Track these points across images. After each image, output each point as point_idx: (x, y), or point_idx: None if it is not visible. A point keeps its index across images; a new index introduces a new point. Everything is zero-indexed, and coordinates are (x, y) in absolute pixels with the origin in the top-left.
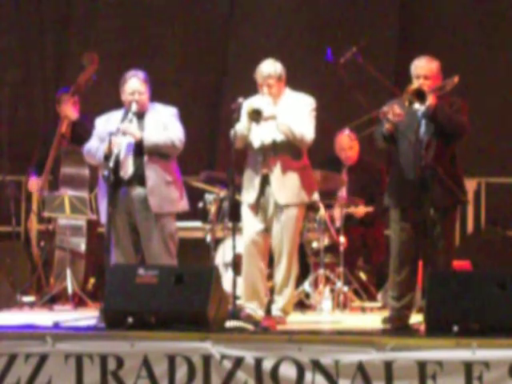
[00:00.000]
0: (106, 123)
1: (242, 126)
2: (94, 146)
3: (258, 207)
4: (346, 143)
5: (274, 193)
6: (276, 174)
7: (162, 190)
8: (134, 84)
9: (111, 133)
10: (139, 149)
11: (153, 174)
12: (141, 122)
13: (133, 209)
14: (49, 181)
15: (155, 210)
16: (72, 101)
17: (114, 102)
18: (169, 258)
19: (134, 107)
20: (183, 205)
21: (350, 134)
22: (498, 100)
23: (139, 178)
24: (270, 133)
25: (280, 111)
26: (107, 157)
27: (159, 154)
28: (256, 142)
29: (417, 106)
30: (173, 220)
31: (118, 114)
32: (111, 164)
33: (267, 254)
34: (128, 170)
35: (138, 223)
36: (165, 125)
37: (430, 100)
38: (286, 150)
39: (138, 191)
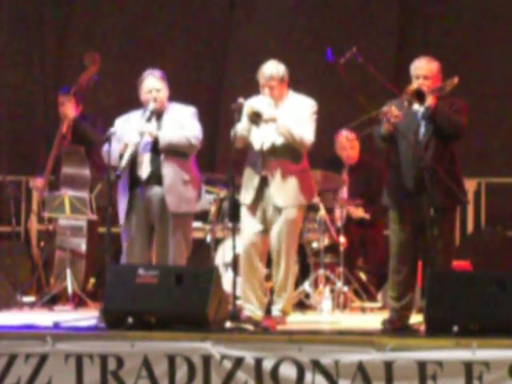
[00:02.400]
0: (125, 123)
1: (241, 127)
2: (112, 147)
3: (256, 208)
4: (347, 142)
5: (272, 195)
6: (275, 176)
7: (179, 189)
8: (151, 82)
9: (112, 133)
10: (156, 147)
11: (170, 172)
12: (159, 121)
13: (151, 208)
14: (50, 181)
15: (172, 209)
16: (73, 100)
17: (115, 101)
18: (179, 259)
19: (152, 105)
20: (201, 204)
21: (350, 133)
22: (497, 100)
23: (157, 178)
24: (270, 135)
25: (281, 113)
26: (121, 156)
27: (176, 152)
28: (256, 144)
29: (416, 106)
30: (190, 220)
31: (136, 114)
32: (124, 163)
33: (266, 254)
34: (145, 169)
35: (156, 222)
36: (182, 124)
37: (430, 100)
38: (286, 153)
39: (155, 190)
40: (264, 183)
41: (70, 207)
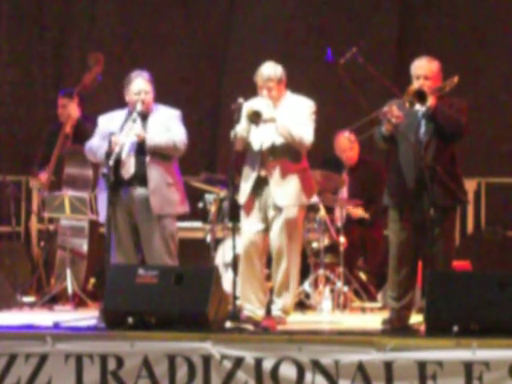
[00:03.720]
0: (109, 122)
1: (241, 128)
2: (95, 144)
3: (254, 207)
4: (346, 144)
5: (272, 195)
6: (275, 176)
7: (164, 191)
8: (140, 84)
9: (111, 133)
10: (141, 149)
11: (155, 174)
12: (144, 123)
13: (134, 209)
14: (51, 181)
15: (156, 211)
16: (76, 100)
17: (115, 102)
18: (169, 259)
19: (139, 107)
20: (184, 207)
21: (350, 134)
22: (497, 100)
23: (141, 179)
24: (270, 135)
25: (280, 114)
26: (108, 155)
27: (161, 155)
28: (255, 145)
29: (417, 106)
30: (173, 221)
31: (121, 114)
32: (111, 162)
33: (265, 254)
34: (129, 169)
35: (139, 224)
36: (168, 126)
37: (431, 101)
38: (285, 153)
39: (139, 192)
40: (261, 182)
41: (69, 207)
